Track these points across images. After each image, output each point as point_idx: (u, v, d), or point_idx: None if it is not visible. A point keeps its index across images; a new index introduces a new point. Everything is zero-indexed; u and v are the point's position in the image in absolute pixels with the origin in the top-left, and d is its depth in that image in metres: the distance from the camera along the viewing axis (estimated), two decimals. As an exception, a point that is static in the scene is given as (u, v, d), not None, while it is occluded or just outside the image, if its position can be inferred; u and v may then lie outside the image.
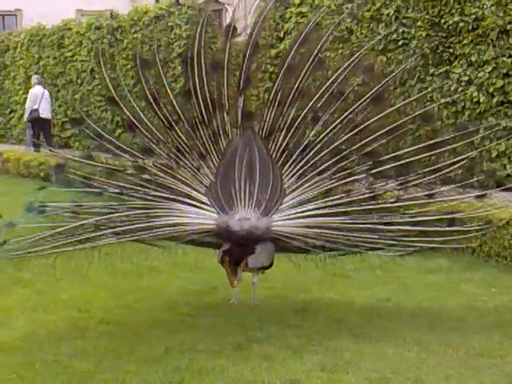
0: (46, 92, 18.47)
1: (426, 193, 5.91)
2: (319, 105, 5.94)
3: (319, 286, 6.65)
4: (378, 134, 5.86)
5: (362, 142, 5.88)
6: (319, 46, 5.94)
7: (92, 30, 20.11)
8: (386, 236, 5.80)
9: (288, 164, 5.95)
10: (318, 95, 5.91)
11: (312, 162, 5.93)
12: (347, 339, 5.27)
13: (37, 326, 5.59)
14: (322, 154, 5.92)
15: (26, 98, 22.10)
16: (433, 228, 5.86)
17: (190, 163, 6.04)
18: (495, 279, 6.94)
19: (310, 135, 5.96)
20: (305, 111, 5.93)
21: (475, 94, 11.06)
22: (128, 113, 6.12)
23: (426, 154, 5.88)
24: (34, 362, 4.89)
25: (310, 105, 5.92)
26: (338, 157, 5.90)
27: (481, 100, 11.00)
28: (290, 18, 14.12)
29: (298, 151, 5.94)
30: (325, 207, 5.87)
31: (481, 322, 5.74)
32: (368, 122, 5.89)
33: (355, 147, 5.88)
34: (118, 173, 6.15)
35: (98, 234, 5.73)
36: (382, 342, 5.22)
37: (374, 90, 5.85)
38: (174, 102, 6.06)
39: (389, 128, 5.85)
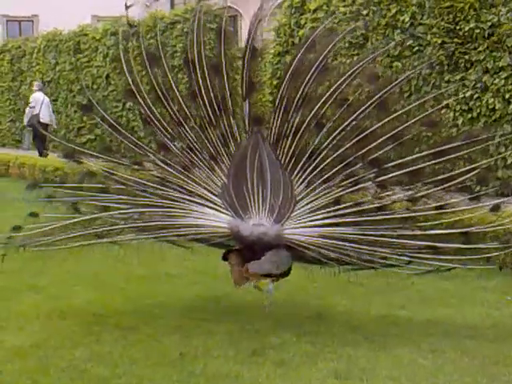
0: (46, 98, 19.15)
1: (436, 204, 5.75)
2: (323, 111, 5.86)
3: (334, 292, 6.64)
4: (380, 140, 5.75)
5: (366, 149, 5.79)
6: (325, 53, 5.86)
7: (108, 36, 20.21)
8: (399, 251, 5.72)
9: (297, 170, 5.91)
10: (322, 101, 5.84)
11: (319, 168, 5.87)
12: (362, 346, 5.26)
13: (51, 332, 5.61)
14: (327, 160, 5.86)
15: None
16: (447, 244, 5.68)
17: (202, 163, 6.08)
18: (510, 287, 6.90)
19: (316, 141, 5.91)
20: (309, 117, 5.86)
21: (491, 100, 11.04)
22: (144, 106, 6.15)
23: (432, 162, 5.73)
24: (48, 368, 4.90)
25: (315, 111, 5.85)
26: (343, 164, 5.82)
27: (496, 107, 10.98)
28: (305, 24, 14.14)
29: (305, 158, 5.89)
30: (335, 216, 5.81)
31: (496, 330, 5.72)
32: (371, 129, 5.78)
33: (359, 154, 5.79)
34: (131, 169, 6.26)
35: (115, 228, 5.93)
36: (397, 349, 5.21)
37: (376, 97, 5.77)
38: (181, 102, 6.11)
39: (391, 134, 5.74)
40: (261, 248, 5.79)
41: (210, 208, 5.96)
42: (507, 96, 10.85)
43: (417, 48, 12.05)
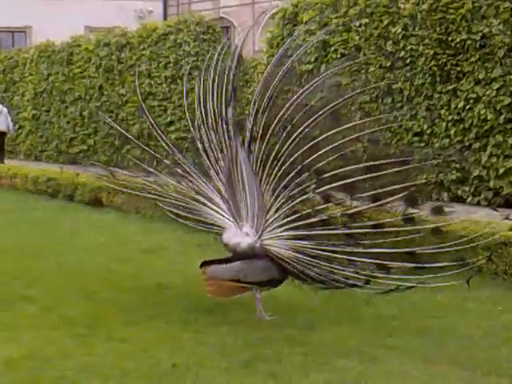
0: (5, 109, 20.71)
1: (373, 223, 5.73)
2: (284, 117, 5.96)
3: (325, 303, 6.63)
4: (324, 150, 5.81)
5: (310, 159, 5.83)
6: (292, 60, 6.06)
7: (101, 47, 20.22)
8: (353, 270, 5.70)
9: (263, 177, 5.97)
10: (285, 107, 5.95)
11: (278, 175, 5.92)
12: (353, 357, 5.25)
13: (43, 343, 5.59)
14: (283, 168, 5.90)
15: (35, 114, 22.42)
16: (395, 263, 5.64)
17: (210, 164, 6.31)
18: (502, 297, 6.91)
19: (276, 147, 5.96)
20: (274, 122, 5.94)
21: (483, 111, 11.08)
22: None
23: (360, 178, 5.71)
24: (40, 379, 4.87)
25: (278, 117, 5.95)
26: (294, 172, 5.87)
27: (488, 117, 11.02)
28: (298, 35, 14.16)
29: (268, 164, 5.94)
30: (295, 228, 5.85)
31: (488, 341, 5.71)
32: (317, 139, 5.85)
33: (306, 163, 5.84)
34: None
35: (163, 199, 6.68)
36: (389, 360, 5.21)
37: (329, 107, 5.84)
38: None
39: (333, 146, 5.79)
40: (242, 257, 5.86)
41: (216, 212, 6.20)
42: (498, 107, 10.89)
43: (409, 59, 12.09)
